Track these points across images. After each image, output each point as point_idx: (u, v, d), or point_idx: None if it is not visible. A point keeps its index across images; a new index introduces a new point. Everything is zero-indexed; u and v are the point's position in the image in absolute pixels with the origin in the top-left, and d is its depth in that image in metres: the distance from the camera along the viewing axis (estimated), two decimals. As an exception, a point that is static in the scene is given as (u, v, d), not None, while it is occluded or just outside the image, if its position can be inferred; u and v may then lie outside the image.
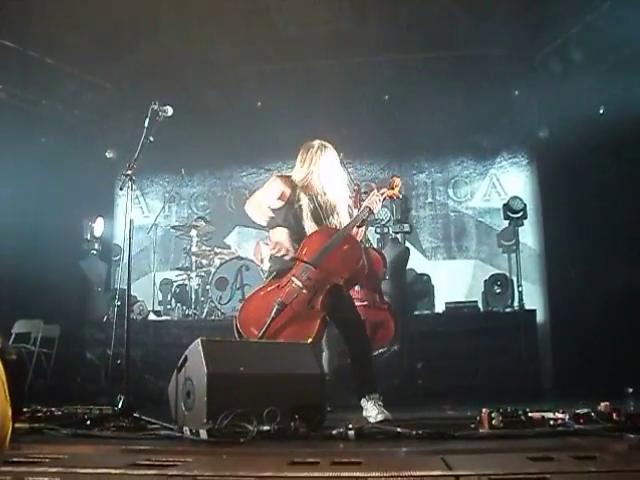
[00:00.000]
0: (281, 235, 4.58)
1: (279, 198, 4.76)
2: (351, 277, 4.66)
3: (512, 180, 9.79)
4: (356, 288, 5.51)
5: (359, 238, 4.83)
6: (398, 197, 5.26)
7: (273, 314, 4.33)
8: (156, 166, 9.74)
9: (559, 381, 7.89)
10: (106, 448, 3.01)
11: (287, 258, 4.57)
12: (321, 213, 4.73)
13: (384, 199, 4.88)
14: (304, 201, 4.71)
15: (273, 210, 4.77)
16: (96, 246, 8.90)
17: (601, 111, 8.40)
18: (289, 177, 4.82)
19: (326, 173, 4.76)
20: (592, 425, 3.32)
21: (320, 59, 8.56)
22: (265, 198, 4.79)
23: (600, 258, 8.03)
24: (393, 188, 4.92)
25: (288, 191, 4.75)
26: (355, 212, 5.07)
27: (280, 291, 4.48)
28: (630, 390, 6.37)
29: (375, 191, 4.84)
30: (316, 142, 4.83)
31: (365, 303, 6.17)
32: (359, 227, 4.76)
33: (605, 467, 2.12)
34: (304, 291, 4.45)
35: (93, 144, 9.43)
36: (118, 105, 9.09)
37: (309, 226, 4.68)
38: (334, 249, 4.55)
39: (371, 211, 4.74)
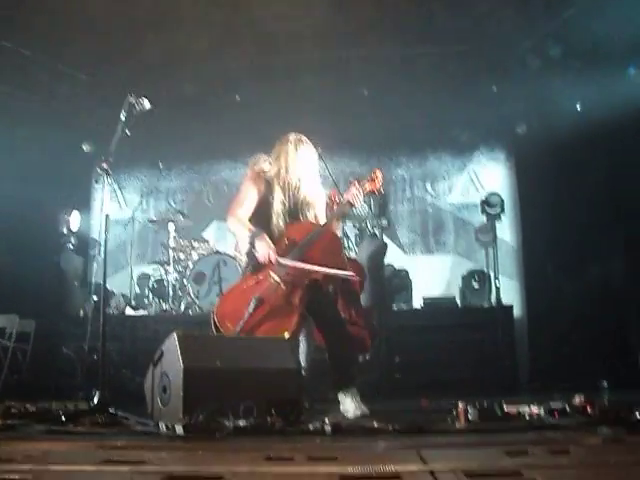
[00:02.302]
0: (265, 245, 4.49)
1: (254, 193, 4.72)
2: None
3: (490, 175, 9.85)
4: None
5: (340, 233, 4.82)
6: (380, 191, 5.19)
7: (251, 309, 4.31)
8: (133, 160, 9.67)
9: (535, 375, 7.94)
10: (80, 444, 2.97)
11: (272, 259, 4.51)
12: (296, 208, 4.70)
13: (365, 193, 4.86)
14: (278, 196, 4.65)
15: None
16: (72, 240, 8.80)
17: (579, 108, 8.46)
18: (262, 172, 4.76)
19: (302, 168, 4.70)
20: (567, 419, 3.35)
21: (299, 53, 8.53)
22: (244, 211, 4.68)
23: (577, 254, 8.10)
24: (374, 181, 4.86)
25: (262, 187, 4.68)
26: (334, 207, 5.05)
27: (258, 286, 4.45)
28: (605, 384, 6.43)
29: (356, 184, 4.81)
30: (292, 136, 4.77)
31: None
32: (338, 221, 4.75)
33: (578, 460, 2.14)
34: (282, 286, 4.43)
35: (69, 136, 9.33)
36: (95, 97, 8.99)
37: (282, 221, 4.64)
38: (314, 243, 4.54)
39: (352, 205, 4.71)
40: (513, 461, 2.11)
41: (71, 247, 8.78)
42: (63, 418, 3.83)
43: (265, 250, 4.43)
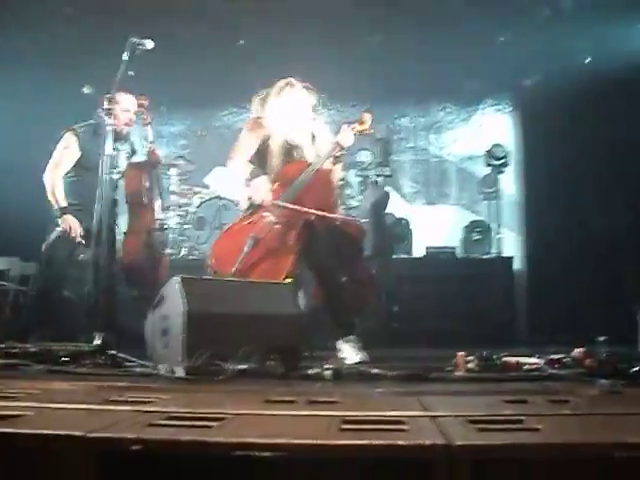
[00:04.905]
0: (262, 186, 4.54)
1: (254, 138, 4.76)
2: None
3: (495, 127, 9.74)
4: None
5: (337, 177, 4.86)
6: (368, 132, 5.20)
7: (246, 249, 4.34)
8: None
9: (533, 328, 7.99)
10: (81, 385, 2.99)
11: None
12: (291, 152, 4.73)
13: (355, 134, 4.86)
14: (272, 141, 4.70)
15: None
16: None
17: (587, 60, 8.33)
18: (259, 118, 4.82)
19: (289, 112, 4.71)
20: (566, 370, 3.37)
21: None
22: (243, 154, 4.76)
23: (579, 208, 8.08)
24: (363, 123, 4.89)
25: (259, 132, 4.75)
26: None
27: (253, 226, 4.51)
28: (601, 339, 6.48)
29: (345, 127, 4.83)
30: (280, 82, 4.78)
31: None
32: (334, 164, 4.77)
33: (578, 410, 2.15)
34: (277, 226, 4.47)
35: (70, 78, 9.20)
36: (98, 39, 8.84)
37: (276, 163, 4.67)
38: (306, 184, 4.56)
39: (341, 147, 4.73)
40: (513, 409, 2.12)
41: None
42: (64, 359, 3.86)
43: (261, 191, 4.47)
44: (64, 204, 5.50)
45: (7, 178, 7.93)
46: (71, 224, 5.45)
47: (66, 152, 5.67)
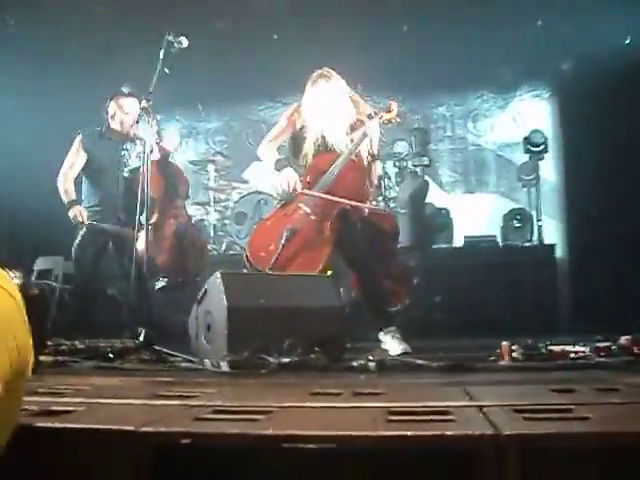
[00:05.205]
0: (290, 174, 4.58)
1: (289, 127, 4.82)
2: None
3: (533, 113, 9.62)
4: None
5: (377, 172, 4.86)
6: (396, 121, 5.20)
7: (283, 241, 4.36)
8: (172, 101, 9.64)
9: (577, 316, 7.89)
10: (128, 380, 3.04)
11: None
12: (325, 142, 4.73)
13: (383, 123, 4.88)
14: (309, 130, 4.73)
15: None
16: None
17: (627, 41, 8.18)
18: (298, 108, 4.88)
19: (322, 103, 4.73)
20: (613, 358, 3.32)
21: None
22: (274, 142, 4.89)
23: (621, 193, 7.94)
24: (390, 112, 4.91)
25: (296, 122, 4.81)
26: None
27: (288, 218, 4.53)
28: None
29: (372, 115, 4.85)
30: (316, 72, 4.81)
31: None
32: (372, 161, 4.76)
33: (628, 399, 2.12)
34: (312, 217, 4.48)
35: (108, 78, 9.29)
36: (133, 37, 8.91)
37: (311, 154, 4.70)
38: (338, 174, 4.57)
39: (366, 135, 4.74)
40: (562, 398, 2.10)
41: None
42: (110, 355, 3.92)
43: (290, 178, 4.51)
44: (73, 197, 5.92)
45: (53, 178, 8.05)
46: (78, 212, 5.84)
47: (75, 155, 6.08)
